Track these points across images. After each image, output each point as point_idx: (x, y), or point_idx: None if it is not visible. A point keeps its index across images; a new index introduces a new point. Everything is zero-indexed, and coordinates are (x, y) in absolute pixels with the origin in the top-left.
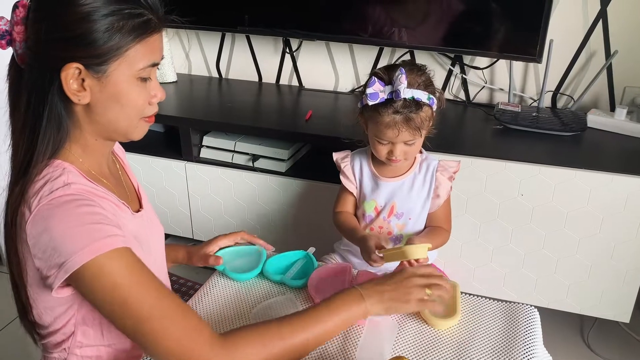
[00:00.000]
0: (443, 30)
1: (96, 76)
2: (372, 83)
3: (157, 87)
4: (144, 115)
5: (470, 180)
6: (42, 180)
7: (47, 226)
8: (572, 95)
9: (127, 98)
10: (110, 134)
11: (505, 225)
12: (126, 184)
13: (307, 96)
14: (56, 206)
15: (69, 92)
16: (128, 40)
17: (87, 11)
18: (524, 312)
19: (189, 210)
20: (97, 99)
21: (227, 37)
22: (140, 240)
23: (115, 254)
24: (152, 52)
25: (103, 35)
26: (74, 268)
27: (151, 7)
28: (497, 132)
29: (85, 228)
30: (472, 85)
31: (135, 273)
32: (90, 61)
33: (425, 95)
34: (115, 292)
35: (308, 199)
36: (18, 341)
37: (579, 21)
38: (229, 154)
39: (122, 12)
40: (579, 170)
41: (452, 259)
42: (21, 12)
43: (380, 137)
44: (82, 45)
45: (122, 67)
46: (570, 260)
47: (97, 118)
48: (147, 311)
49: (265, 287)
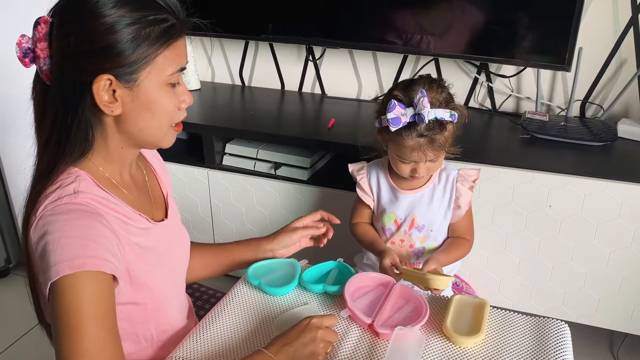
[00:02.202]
0: (469, 37)
1: (127, 86)
2: (392, 107)
3: (185, 92)
4: (174, 122)
5: (496, 191)
6: (54, 187)
7: (45, 232)
8: (602, 105)
9: (158, 105)
10: (139, 143)
11: (533, 237)
12: (153, 192)
13: (330, 104)
14: (58, 213)
15: (101, 104)
16: (156, 47)
17: (112, 21)
18: (554, 327)
19: (210, 218)
20: (129, 109)
21: (250, 45)
22: (155, 250)
23: (94, 276)
24: (179, 57)
25: (131, 44)
26: (54, 278)
27: (174, 11)
28: (524, 141)
29: (77, 241)
30: (498, 93)
31: (101, 305)
32: (121, 71)
33: (447, 113)
34: (73, 314)
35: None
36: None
37: (610, 28)
38: (251, 162)
39: (146, 19)
40: (610, 181)
41: (478, 271)
42: (43, 29)
43: (404, 159)
44: (111, 56)
45: (152, 75)
46: (600, 274)
47: (127, 128)
48: (82, 342)
49: (287, 296)
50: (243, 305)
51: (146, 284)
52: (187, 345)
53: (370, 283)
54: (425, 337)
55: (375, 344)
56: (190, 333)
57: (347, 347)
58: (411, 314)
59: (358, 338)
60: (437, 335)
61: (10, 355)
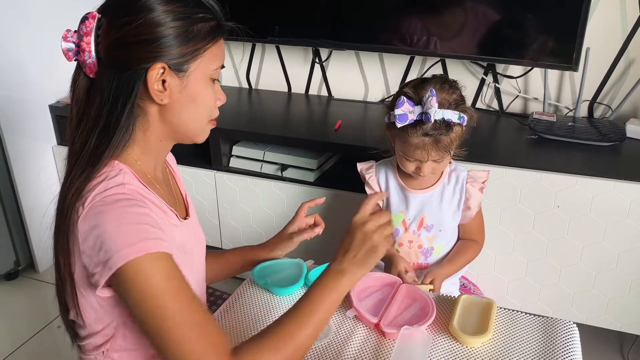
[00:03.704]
0: (476, 38)
1: (178, 75)
2: (400, 103)
3: (220, 91)
4: (212, 117)
5: (504, 191)
6: (99, 179)
7: (97, 222)
8: (610, 105)
9: (203, 98)
10: (177, 135)
11: (541, 238)
12: (175, 191)
13: (337, 106)
14: (108, 204)
15: (153, 92)
16: (207, 41)
17: (167, 15)
18: (563, 327)
19: (217, 219)
20: (176, 99)
21: (257, 47)
22: (185, 248)
23: (158, 257)
24: (222, 54)
25: (185, 36)
26: (118, 265)
27: (219, 13)
28: (531, 142)
29: (133, 227)
30: (505, 94)
31: (172, 280)
32: (175, 61)
33: (456, 115)
34: (149, 295)
35: (336, 209)
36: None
37: (617, 28)
38: (258, 164)
39: (197, 15)
40: (619, 182)
41: (486, 272)
42: (91, 24)
43: (408, 156)
44: (167, 46)
45: (200, 67)
46: (610, 275)
47: (170, 119)
48: (174, 320)
49: (294, 296)
50: (249, 305)
51: None
52: None
53: (377, 283)
54: (432, 336)
55: (381, 343)
56: None
57: (353, 346)
58: (418, 314)
59: (364, 338)
60: (444, 335)
61: (19, 356)
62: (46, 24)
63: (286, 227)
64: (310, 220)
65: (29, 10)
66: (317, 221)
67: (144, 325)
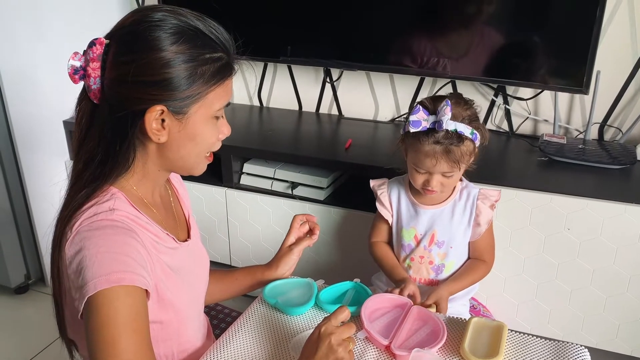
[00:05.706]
0: (486, 60)
1: (177, 117)
2: (416, 111)
3: (224, 124)
4: (212, 150)
5: (514, 213)
6: (90, 203)
7: (81, 247)
8: (620, 128)
9: (202, 137)
10: (175, 168)
11: (551, 260)
12: (177, 213)
13: (347, 125)
14: (94, 229)
15: (150, 132)
16: (210, 85)
17: (172, 57)
18: (574, 352)
19: (227, 237)
20: (174, 137)
21: (269, 66)
22: (180, 270)
23: (130, 291)
24: (227, 93)
25: (187, 80)
26: (90, 293)
27: (228, 49)
28: (541, 164)
29: (112, 256)
30: (515, 116)
31: (136, 320)
32: (174, 104)
33: (468, 129)
34: (107, 326)
35: (346, 227)
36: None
37: (628, 51)
38: (268, 181)
39: (203, 56)
40: (630, 205)
41: (495, 294)
42: (98, 49)
43: (418, 166)
44: (168, 89)
45: (202, 109)
46: (621, 299)
47: (168, 154)
48: (120, 358)
49: (304, 316)
50: (259, 325)
51: (172, 302)
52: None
53: (388, 304)
54: (443, 359)
55: None
56: (207, 352)
57: None
58: (428, 336)
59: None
60: (455, 358)
61: None
62: (62, 40)
63: (283, 242)
64: (305, 227)
65: (46, 26)
66: (312, 227)
67: (92, 354)
